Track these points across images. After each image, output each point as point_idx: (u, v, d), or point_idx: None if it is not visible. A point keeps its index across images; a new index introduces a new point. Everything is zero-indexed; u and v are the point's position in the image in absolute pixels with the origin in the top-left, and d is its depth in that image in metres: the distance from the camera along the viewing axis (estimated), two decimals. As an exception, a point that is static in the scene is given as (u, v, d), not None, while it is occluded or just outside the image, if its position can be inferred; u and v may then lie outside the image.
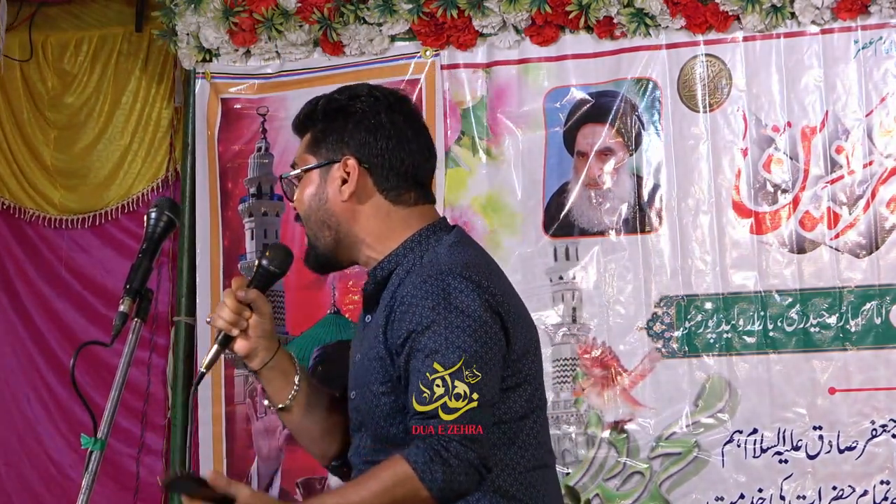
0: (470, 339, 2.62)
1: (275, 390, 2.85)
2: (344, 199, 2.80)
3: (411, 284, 2.69)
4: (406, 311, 2.66)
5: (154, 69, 5.85)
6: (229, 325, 2.76)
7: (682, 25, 4.98)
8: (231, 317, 2.75)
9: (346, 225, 2.81)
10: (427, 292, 2.66)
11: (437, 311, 2.63)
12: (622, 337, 5.01)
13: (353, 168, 2.79)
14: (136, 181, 5.86)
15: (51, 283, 5.93)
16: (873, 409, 4.77)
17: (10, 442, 5.93)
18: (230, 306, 2.75)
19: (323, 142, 2.82)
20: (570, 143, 5.11)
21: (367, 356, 2.75)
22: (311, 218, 2.82)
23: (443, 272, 2.68)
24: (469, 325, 2.63)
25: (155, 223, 2.71)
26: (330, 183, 2.80)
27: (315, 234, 2.83)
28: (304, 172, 2.83)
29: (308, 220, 2.83)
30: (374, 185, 2.81)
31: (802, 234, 4.88)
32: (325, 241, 2.82)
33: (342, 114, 2.82)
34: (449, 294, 2.65)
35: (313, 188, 2.81)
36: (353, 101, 2.83)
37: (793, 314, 4.85)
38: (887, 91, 4.83)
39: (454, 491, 2.59)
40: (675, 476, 4.92)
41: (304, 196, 2.82)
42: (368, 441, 2.76)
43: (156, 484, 5.72)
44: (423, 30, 5.19)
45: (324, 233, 2.82)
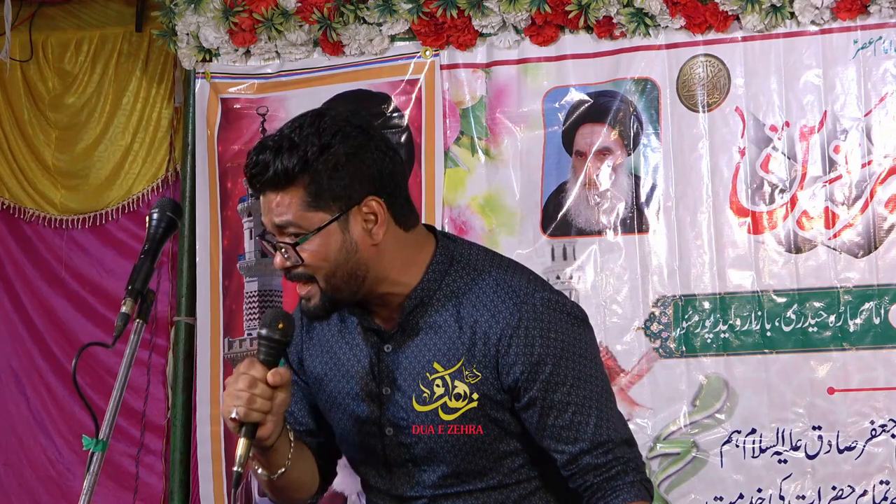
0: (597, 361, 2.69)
1: (278, 457, 2.66)
2: (375, 242, 2.61)
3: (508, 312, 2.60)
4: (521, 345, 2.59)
5: (154, 69, 5.85)
6: (265, 416, 2.53)
7: (681, 25, 4.98)
8: (265, 405, 2.52)
9: (374, 268, 2.62)
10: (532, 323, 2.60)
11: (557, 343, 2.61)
12: (619, 337, 5.01)
13: (377, 208, 2.59)
14: (136, 181, 5.86)
15: (50, 283, 5.93)
16: (872, 409, 4.77)
17: (10, 442, 5.93)
18: (263, 395, 2.52)
19: (326, 191, 2.56)
20: (568, 142, 5.11)
21: (411, 383, 2.65)
22: (336, 273, 2.59)
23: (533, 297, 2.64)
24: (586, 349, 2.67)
25: (157, 224, 2.69)
26: (353, 230, 2.59)
27: (339, 286, 2.60)
28: (320, 230, 2.58)
29: (331, 277, 2.59)
30: (392, 217, 2.63)
31: (800, 233, 4.88)
32: (350, 291, 2.62)
33: (332, 155, 2.55)
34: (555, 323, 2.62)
35: (336, 242, 2.58)
36: (336, 139, 2.57)
37: (790, 314, 4.85)
38: (886, 91, 4.83)
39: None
40: (674, 476, 4.92)
41: (328, 253, 2.58)
42: (442, 471, 2.67)
43: (155, 484, 5.72)
44: (423, 30, 5.19)
45: (351, 284, 2.61)
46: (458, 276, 2.67)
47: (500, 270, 2.67)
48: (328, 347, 2.77)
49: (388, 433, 2.69)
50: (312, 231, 2.56)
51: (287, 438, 2.67)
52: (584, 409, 2.63)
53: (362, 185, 2.58)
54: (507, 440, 2.67)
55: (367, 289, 2.63)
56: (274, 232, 2.62)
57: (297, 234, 2.58)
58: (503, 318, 2.61)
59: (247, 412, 2.50)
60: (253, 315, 5.41)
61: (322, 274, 2.59)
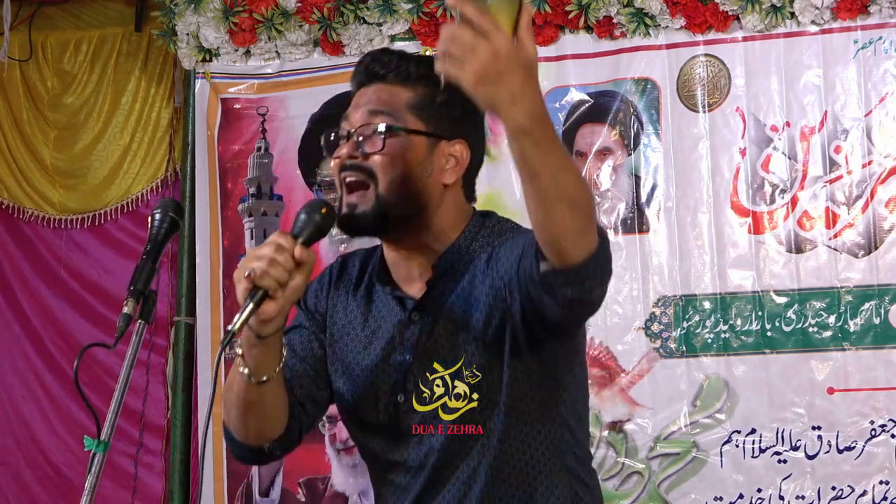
0: None
1: (266, 360, 2.55)
2: (445, 183, 2.60)
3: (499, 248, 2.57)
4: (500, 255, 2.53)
5: (154, 69, 5.85)
6: (278, 286, 2.40)
7: (681, 25, 4.99)
8: (285, 277, 2.40)
9: (431, 205, 2.60)
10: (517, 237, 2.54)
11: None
12: (620, 337, 5.02)
13: (463, 154, 2.61)
14: (135, 181, 5.86)
15: (49, 283, 5.93)
16: (872, 409, 4.77)
17: (7, 443, 5.93)
18: (287, 265, 2.40)
19: (437, 111, 2.59)
20: (569, 142, 5.11)
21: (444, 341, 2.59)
22: (402, 184, 2.56)
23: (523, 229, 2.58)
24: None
25: (159, 225, 2.67)
26: (436, 158, 2.60)
27: (397, 201, 2.56)
28: (411, 133, 2.58)
29: (394, 185, 2.56)
30: (463, 177, 2.63)
31: (801, 233, 4.88)
32: (403, 213, 2.57)
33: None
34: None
35: (419, 155, 2.58)
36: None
37: (791, 314, 4.86)
38: (886, 91, 4.84)
39: (605, 271, 2.41)
40: (674, 476, 4.92)
41: (406, 158, 2.56)
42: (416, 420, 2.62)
43: (155, 484, 5.72)
44: (423, 30, 5.20)
45: (409, 204, 2.57)
46: (483, 240, 2.64)
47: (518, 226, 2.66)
48: (351, 310, 2.74)
49: (400, 400, 2.63)
50: (406, 128, 2.57)
51: (281, 344, 2.55)
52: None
53: (463, 128, 2.61)
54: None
55: (415, 228, 2.60)
56: (356, 123, 2.60)
57: (388, 127, 2.57)
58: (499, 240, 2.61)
59: (263, 273, 2.40)
60: (253, 315, 5.41)
61: (389, 177, 2.56)
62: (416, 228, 2.60)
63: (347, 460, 5.26)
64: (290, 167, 5.43)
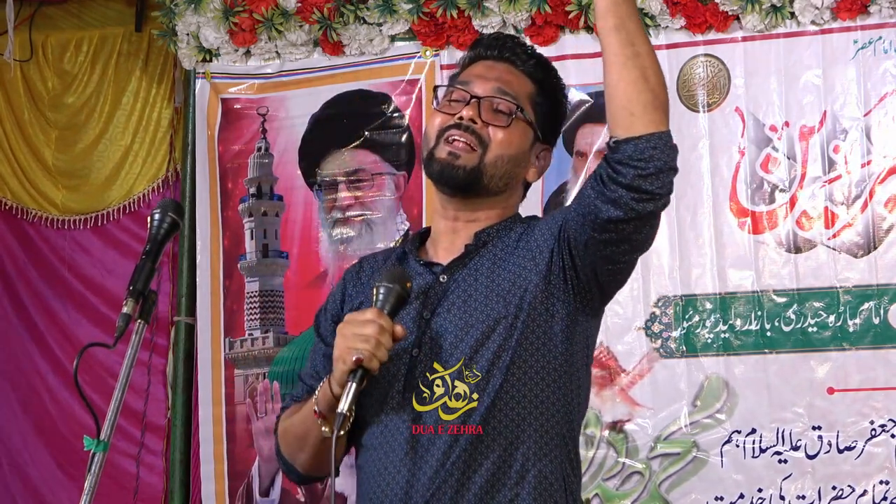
0: None
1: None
2: (530, 180, 2.80)
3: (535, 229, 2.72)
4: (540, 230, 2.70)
5: (154, 69, 5.85)
6: (380, 365, 2.52)
7: (681, 25, 4.99)
8: (386, 357, 2.51)
9: (508, 192, 2.77)
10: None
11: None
12: (620, 337, 5.01)
13: (547, 160, 2.82)
14: (136, 181, 5.86)
15: (52, 283, 5.93)
16: (872, 408, 4.77)
17: (13, 443, 5.94)
18: (388, 345, 2.51)
19: (546, 111, 2.79)
20: (569, 142, 5.11)
21: (467, 307, 2.65)
22: (506, 162, 2.73)
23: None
24: None
25: (158, 225, 2.69)
26: (532, 154, 2.78)
27: (495, 173, 2.72)
28: (528, 124, 2.77)
29: (501, 159, 2.73)
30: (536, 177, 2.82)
31: (800, 233, 4.88)
32: (493, 184, 2.73)
33: (562, 108, 2.84)
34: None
35: (524, 145, 2.77)
36: (565, 102, 2.84)
37: (790, 314, 4.85)
38: (886, 91, 4.83)
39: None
40: (674, 476, 4.92)
41: (517, 142, 2.75)
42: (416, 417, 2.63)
43: (155, 484, 5.72)
44: (423, 30, 5.20)
45: (500, 181, 2.74)
46: (520, 227, 2.77)
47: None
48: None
49: (415, 354, 2.65)
50: (528, 119, 2.74)
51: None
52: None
53: (553, 136, 2.81)
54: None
55: (489, 204, 2.75)
56: (484, 93, 2.74)
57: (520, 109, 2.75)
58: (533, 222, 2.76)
59: (370, 357, 2.48)
60: (254, 315, 5.42)
61: (501, 152, 2.72)
62: (489, 205, 2.76)
63: (347, 461, 5.26)
64: (291, 167, 5.43)
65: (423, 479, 2.63)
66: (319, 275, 5.34)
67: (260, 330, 5.41)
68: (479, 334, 2.63)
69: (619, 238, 2.61)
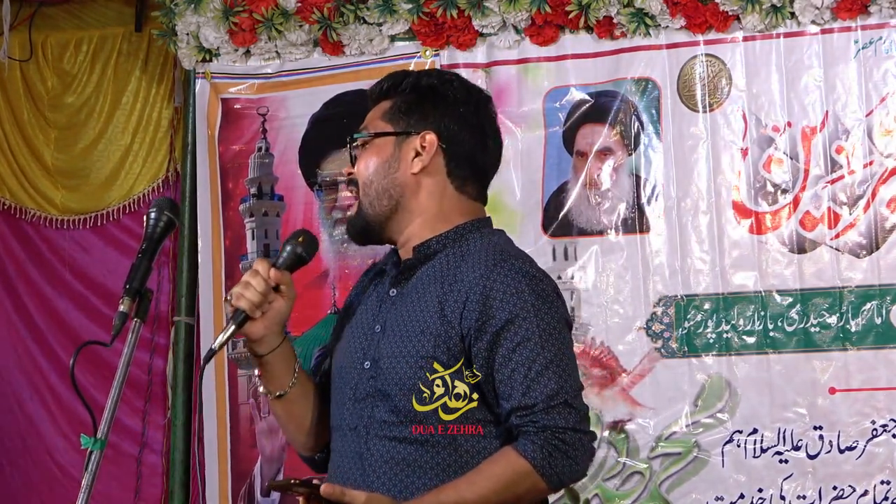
0: (562, 329, 2.69)
1: (275, 377, 2.83)
2: (414, 172, 2.81)
3: (483, 267, 2.70)
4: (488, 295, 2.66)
5: (154, 69, 5.86)
6: (253, 307, 2.71)
7: (681, 25, 4.98)
8: (257, 298, 2.70)
9: (407, 197, 2.81)
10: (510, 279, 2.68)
11: (526, 301, 2.66)
12: (621, 337, 5.01)
13: (430, 143, 2.81)
14: (137, 181, 5.87)
15: (52, 283, 5.94)
16: (873, 408, 4.76)
17: (14, 441, 5.95)
18: (259, 287, 2.71)
19: (405, 113, 2.84)
20: (569, 142, 5.11)
21: (402, 329, 2.72)
22: (372, 185, 2.81)
23: (517, 258, 2.74)
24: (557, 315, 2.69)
25: (154, 223, 2.71)
26: (404, 153, 2.81)
27: (372, 202, 2.81)
28: (377, 137, 2.83)
29: (368, 187, 2.82)
30: (445, 167, 2.83)
31: (802, 234, 4.88)
32: (380, 211, 2.81)
33: (432, 93, 2.85)
34: (535, 283, 2.69)
35: (384, 156, 2.82)
36: (444, 84, 2.86)
37: (793, 314, 4.85)
38: (887, 91, 4.83)
39: (574, 479, 2.65)
40: (675, 476, 4.92)
41: (371, 162, 2.82)
42: (385, 413, 2.72)
43: (156, 484, 5.73)
44: (423, 30, 5.20)
45: (382, 202, 2.80)
46: (470, 243, 2.79)
47: (504, 246, 2.81)
48: (362, 293, 2.93)
49: (366, 367, 2.76)
50: (370, 134, 2.84)
51: (288, 363, 2.82)
52: (522, 367, 2.65)
53: (432, 123, 2.82)
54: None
55: (397, 221, 2.83)
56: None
57: (354, 138, 2.89)
58: (477, 269, 2.72)
59: (238, 296, 2.70)
60: (254, 315, 5.42)
61: (362, 180, 2.83)
62: (399, 225, 2.82)
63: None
64: (291, 167, 5.43)
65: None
66: (320, 275, 5.35)
67: (262, 330, 5.41)
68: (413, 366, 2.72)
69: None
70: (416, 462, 2.68)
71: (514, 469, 2.59)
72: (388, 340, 2.74)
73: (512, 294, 2.65)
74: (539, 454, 2.58)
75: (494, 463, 2.61)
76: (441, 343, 2.68)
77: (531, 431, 2.60)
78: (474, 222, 2.84)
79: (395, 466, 2.70)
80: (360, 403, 2.76)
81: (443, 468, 2.67)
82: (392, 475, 2.70)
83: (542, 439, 2.59)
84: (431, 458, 2.68)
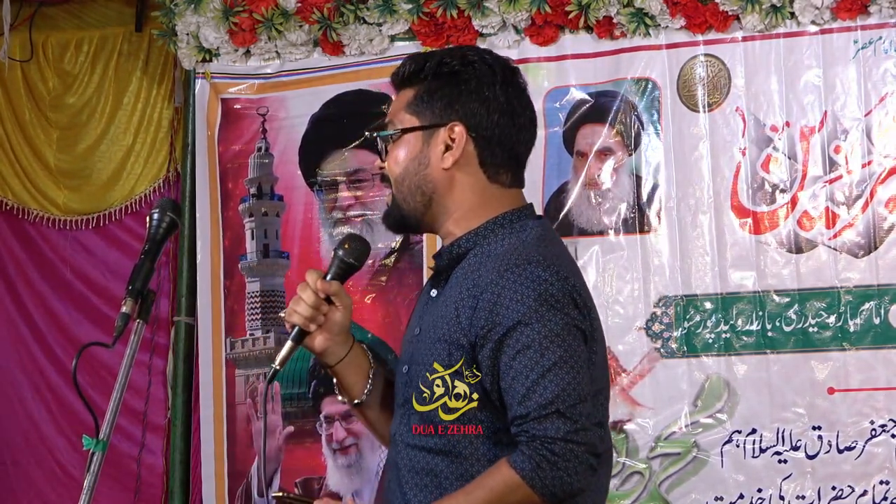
0: (567, 335, 2.58)
1: (349, 385, 2.79)
2: (445, 167, 2.72)
3: (496, 272, 2.62)
4: (496, 301, 2.59)
5: (154, 69, 5.86)
6: (306, 321, 2.68)
7: (681, 25, 4.98)
8: (309, 312, 2.68)
9: (440, 193, 2.73)
10: (519, 284, 2.59)
11: (531, 307, 2.57)
12: (621, 337, 5.01)
13: (460, 135, 2.71)
14: (138, 182, 5.87)
15: (54, 283, 5.93)
16: (872, 409, 4.77)
17: (16, 441, 5.95)
18: (308, 301, 2.68)
19: (428, 103, 2.73)
20: (569, 143, 5.11)
21: (430, 334, 2.68)
22: (404, 181, 2.73)
23: (531, 262, 2.62)
24: (564, 321, 2.58)
25: (157, 224, 2.71)
26: (433, 147, 2.72)
27: (405, 197, 2.74)
28: (404, 133, 2.75)
29: (400, 183, 2.74)
30: (477, 157, 2.73)
31: (801, 233, 4.88)
32: (414, 206, 2.74)
33: (454, 78, 2.72)
34: (544, 289, 2.58)
35: (413, 151, 2.73)
36: (466, 67, 2.73)
37: (791, 314, 4.85)
38: (886, 91, 4.83)
39: (567, 492, 2.55)
40: (675, 476, 4.92)
41: (401, 157, 2.74)
42: (416, 419, 2.67)
43: (156, 484, 5.73)
44: (423, 30, 5.20)
45: (416, 198, 2.73)
46: (497, 242, 2.71)
47: (528, 246, 2.68)
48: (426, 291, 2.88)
49: (404, 371, 2.73)
50: (396, 130, 2.74)
51: (361, 371, 2.79)
52: (521, 375, 2.57)
53: (458, 113, 2.71)
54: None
55: (433, 216, 2.75)
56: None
57: (380, 136, 2.79)
58: (491, 274, 2.64)
59: (290, 312, 2.69)
60: (255, 315, 5.42)
61: (394, 177, 2.75)
62: (434, 219, 2.76)
63: (342, 460, 5.28)
64: (291, 167, 5.43)
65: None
66: (320, 275, 5.34)
67: (261, 330, 5.42)
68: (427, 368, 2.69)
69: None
70: (432, 471, 2.65)
71: (506, 481, 2.53)
72: (420, 344, 2.70)
73: (517, 301, 2.57)
74: (528, 465, 2.52)
75: (489, 475, 2.56)
76: (451, 351, 2.64)
77: (523, 441, 2.54)
78: (507, 215, 2.73)
79: (416, 476, 2.67)
80: (399, 410, 2.74)
81: (457, 476, 2.64)
82: (420, 484, 2.67)
83: (531, 450, 2.52)
84: (447, 467, 2.64)
